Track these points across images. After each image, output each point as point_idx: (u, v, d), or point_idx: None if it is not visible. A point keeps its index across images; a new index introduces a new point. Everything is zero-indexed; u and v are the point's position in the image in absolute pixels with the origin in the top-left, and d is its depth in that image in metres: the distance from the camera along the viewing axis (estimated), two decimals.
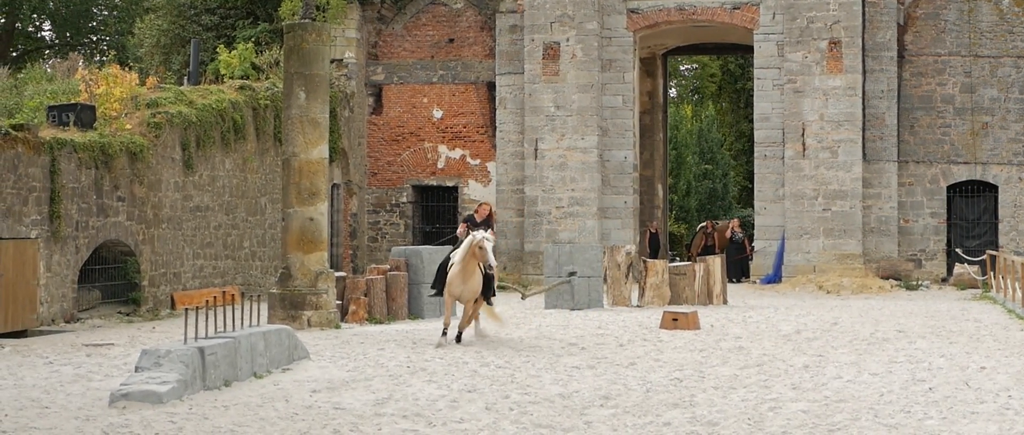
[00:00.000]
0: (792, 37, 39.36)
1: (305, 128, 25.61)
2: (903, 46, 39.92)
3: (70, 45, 65.41)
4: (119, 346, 21.81)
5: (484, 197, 42.23)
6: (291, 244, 25.59)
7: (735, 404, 15.32)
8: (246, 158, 33.88)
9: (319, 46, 25.90)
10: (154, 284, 29.50)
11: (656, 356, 20.42)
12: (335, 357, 20.18)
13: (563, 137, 40.46)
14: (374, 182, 43.41)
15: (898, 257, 39.52)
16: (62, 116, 27.98)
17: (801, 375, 18.03)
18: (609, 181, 40.97)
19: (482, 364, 19.16)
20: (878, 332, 24.18)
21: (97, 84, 30.57)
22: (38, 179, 25.23)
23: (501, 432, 13.44)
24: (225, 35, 42.99)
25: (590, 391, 16.44)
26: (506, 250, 41.26)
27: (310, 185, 25.59)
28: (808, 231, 39.12)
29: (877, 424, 13.86)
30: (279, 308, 25.12)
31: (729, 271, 40.79)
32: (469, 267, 21.63)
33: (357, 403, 15.31)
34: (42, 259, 25.30)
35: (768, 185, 40.30)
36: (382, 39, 43.46)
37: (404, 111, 43.21)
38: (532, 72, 40.75)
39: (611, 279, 31.75)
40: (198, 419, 13.99)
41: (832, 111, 38.98)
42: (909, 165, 39.89)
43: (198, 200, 31.57)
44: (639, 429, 13.66)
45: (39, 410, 14.65)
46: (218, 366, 16.32)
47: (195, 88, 33.81)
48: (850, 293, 36.23)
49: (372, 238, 43.27)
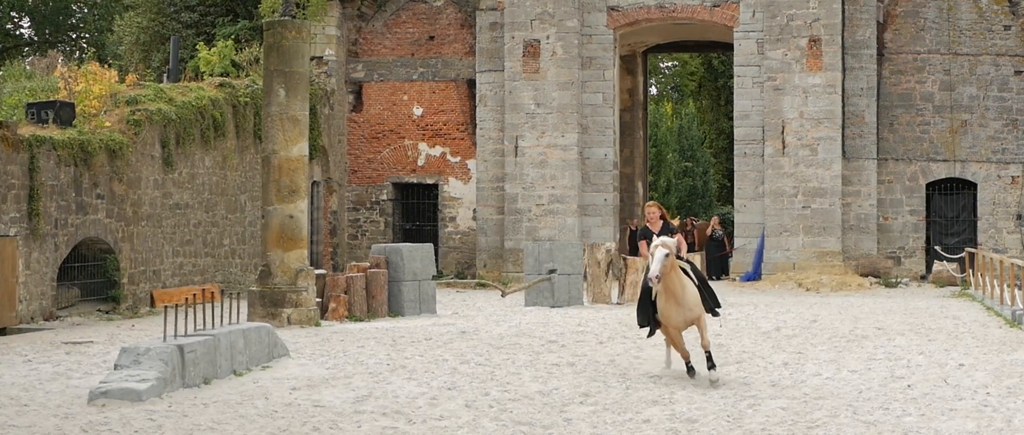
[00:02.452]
0: (772, 35, 39.42)
1: (285, 125, 25.58)
2: (883, 44, 40.00)
3: (49, 42, 65.19)
4: (98, 344, 21.77)
5: (464, 195, 42.25)
6: (271, 241, 25.57)
7: (714, 401, 15.36)
8: (226, 155, 33.82)
9: (299, 43, 25.87)
10: (133, 282, 29.44)
11: (636, 353, 20.45)
12: (315, 355, 20.17)
13: (543, 134, 40.47)
14: (354, 179, 43.38)
15: (877, 255, 39.60)
16: (41, 113, 27.90)
17: (780, 372, 18.08)
18: (589, 178, 41.00)
19: (462, 362, 19.17)
20: (857, 329, 24.24)
21: (76, 81, 30.49)
22: (17, 176, 25.15)
23: (481, 429, 13.46)
24: (205, 32, 42.92)
25: (570, 388, 16.46)
26: (486, 247, 41.30)
27: (290, 182, 25.57)
28: (788, 229, 39.19)
29: (856, 421, 13.91)
30: (259, 306, 25.09)
31: (709, 269, 40.91)
32: (673, 285, 17.07)
33: (337, 401, 15.32)
34: (21, 257, 25.23)
35: (748, 183, 40.35)
36: (362, 36, 43.42)
37: (384, 108, 43.17)
38: (512, 69, 40.75)
39: (591, 276, 31.78)
40: (177, 417, 13.98)
41: (812, 109, 39.05)
42: (888, 163, 39.97)
43: (178, 198, 31.51)
44: (619, 426, 13.69)
45: (18, 408, 14.63)
46: (198, 364, 16.31)
47: (175, 85, 33.74)
48: (829, 290, 36.31)
49: (352, 235, 43.23)
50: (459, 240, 42.49)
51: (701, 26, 42.42)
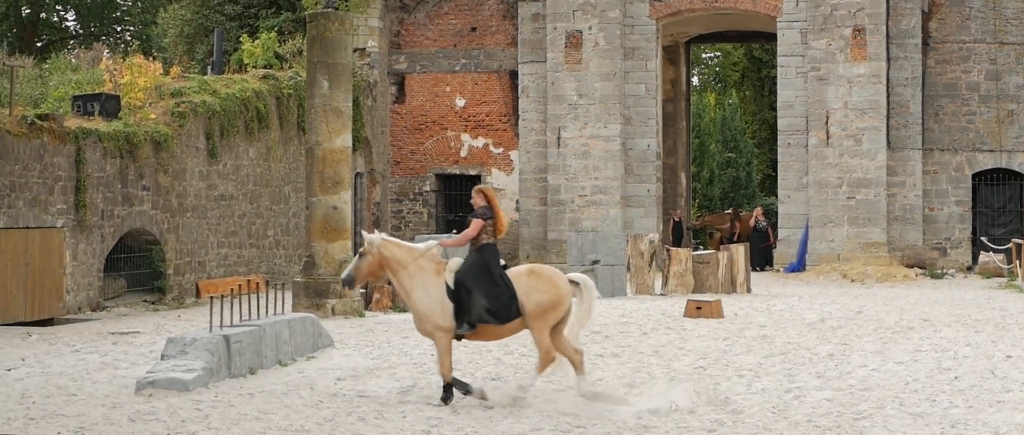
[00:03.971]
0: (816, 24, 39.25)
1: (328, 117, 25.65)
2: (928, 33, 39.78)
3: (94, 35, 65.53)
4: (145, 334, 21.87)
5: (507, 186, 42.26)
6: (315, 232, 25.64)
7: (760, 392, 15.30)
8: (270, 147, 33.93)
9: (342, 35, 25.92)
10: (179, 272, 29.58)
11: (680, 344, 20.40)
12: (359, 345, 20.21)
13: (586, 126, 40.42)
14: (397, 171, 43.45)
15: (923, 246, 39.40)
16: (87, 106, 28.07)
17: (826, 363, 17.99)
18: (632, 169, 40.93)
19: (506, 352, 19.16)
20: (903, 321, 24.11)
21: (121, 74, 30.67)
22: (64, 169, 25.30)
23: (526, 420, 13.45)
24: (248, 24, 43.05)
25: (614, 379, 16.44)
26: (529, 238, 41.30)
27: (333, 174, 25.63)
28: (832, 220, 39.03)
29: (902, 413, 13.82)
30: (303, 296, 25.17)
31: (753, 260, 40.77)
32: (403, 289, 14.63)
33: (382, 391, 15.34)
34: (68, 248, 25.39)
35: (792, 173, 40.22)
36: (404, 28, 43.47)
37: (427, 100, 43.23)
38: (555, 60, 40.72)
39: (634, 267, 31.72)
40: (224, 407, 14.03)
41: (856, 99, 38.88)
42: (934, 153, 39.76)
43: (222, 189, 31.63)
44: (663, 417, 13.65)
45: (66, 397, 14.71)
46: (243, 354, 16.37)
47: (219, 77, 33.87)
48: (874, 282, 36.12)
49: (396, 226, 43.30)
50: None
51: (744, 16, 42.30)
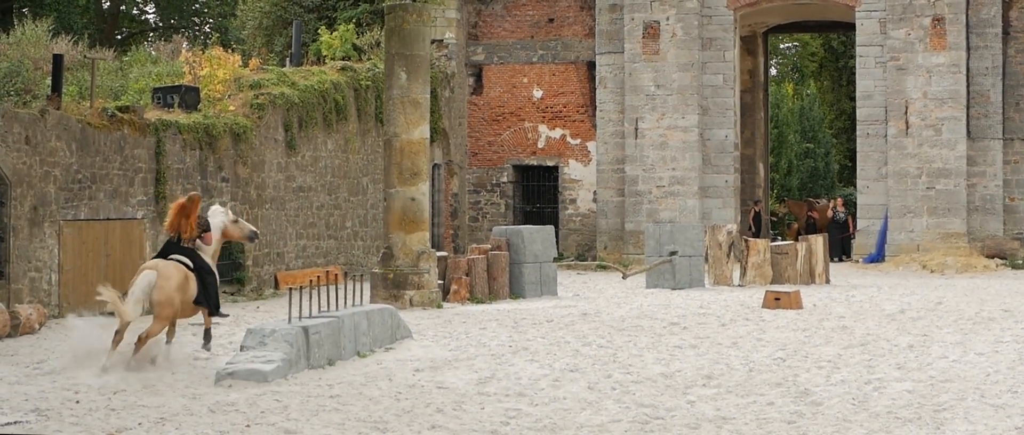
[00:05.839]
0: (894, 14, 38.92)
1: (406, 108, 25.75)
2: (1008, 22, 39.34)
3: (174, 28, 66.14)
4: (224, 325, 22.05)
5: (584, 177, 42.26)
6: (393, 224, 25.76)
7: (839, 383, 15.23)
8: (348, 139, 34.08)
9: (420, 26, 26.01)
10: (258, 264, 29.79)
11: (759, 335, 20.34)
12: (438, 336, 20.29)
13: (663, 116, 40.31)
14: (475, 162, 43.53)
15: (1003, 236, 39.02)
16: (167, 98, 28.32)
17: (906, 355, 17.88)
18: (710, 160, 40.78)
19: (583, 344, 19.18)
20: (983, 312, 23.90)
21: (201, 66, 30.91)
22: (144, 160, 25.55)
23: (604, 412, 13.45)
24: (326, 16, 43.24)
25: (693, 370, 16.42)
26: (606, 229, 41.25)
27: (411, 165, 25.73)
28: (912, 210, 38.71)
29: (984, 404, 13.72)
30: (381, 288, 25.29)
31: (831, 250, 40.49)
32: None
33: (460, 382, 15.39)
34: (148, 239, 25.63)
35: (871, 164, 39.92)
36: (482, 19, 43.52)
37: (504, 91, 43.26)
38: (632, 51, 40.62)
39: (712, 258, 31.64)
40: (303, 397, 14.13)
41: (935, 88, 38.52)
42: (1015, 143, 39.34)
43: (301, 180, 31.82)
44: (742, 408, 13.62)
45: (147, 388, 14.86)
46: (322, 345, 16.48)
47: (297, 69, 34.05)
48: (954, 272, 35.82)
49: (473, 218, 43.40)
50: (579, 222, 42.49)
51: (822, 6, 42.03)
